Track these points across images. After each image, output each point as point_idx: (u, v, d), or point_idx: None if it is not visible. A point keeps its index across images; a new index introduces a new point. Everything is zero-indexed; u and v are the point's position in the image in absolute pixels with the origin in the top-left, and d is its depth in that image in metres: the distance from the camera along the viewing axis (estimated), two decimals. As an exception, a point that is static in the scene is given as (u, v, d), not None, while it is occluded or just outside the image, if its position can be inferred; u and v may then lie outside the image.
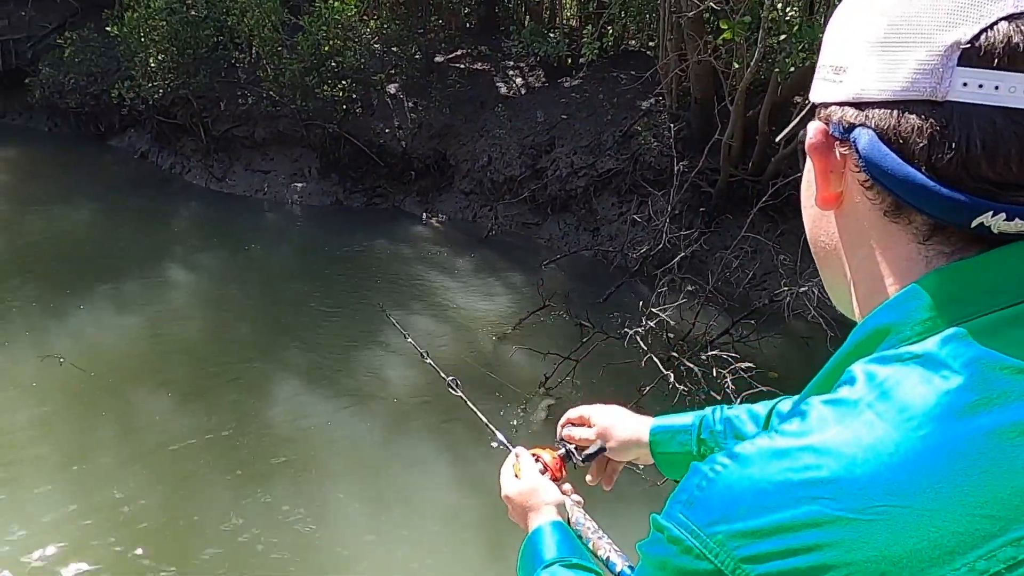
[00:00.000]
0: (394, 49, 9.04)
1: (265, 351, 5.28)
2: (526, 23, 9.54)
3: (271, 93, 8.51)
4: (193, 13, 8.42)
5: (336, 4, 8.16)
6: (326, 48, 8.23)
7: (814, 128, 0.56)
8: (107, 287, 6.07)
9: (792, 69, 5.78)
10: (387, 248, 7.61)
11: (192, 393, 4.69)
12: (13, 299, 5.77)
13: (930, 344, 0.50)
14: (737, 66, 6.11)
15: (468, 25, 10.58)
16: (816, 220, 0.61)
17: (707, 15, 6.25)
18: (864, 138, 0.52)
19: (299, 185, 8.82)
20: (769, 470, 0.50)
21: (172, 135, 9.46)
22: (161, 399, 4.62)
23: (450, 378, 1.58)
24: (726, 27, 5.51)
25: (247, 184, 8.93)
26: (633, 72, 8.32)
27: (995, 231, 0.49)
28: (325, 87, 8.22)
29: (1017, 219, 0.49)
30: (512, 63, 9.50)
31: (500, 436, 1.34)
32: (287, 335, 5.58)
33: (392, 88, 9.02)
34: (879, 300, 0.55)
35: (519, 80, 9.28)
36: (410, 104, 8.88)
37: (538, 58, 8.96)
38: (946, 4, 0.49)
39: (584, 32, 7.84)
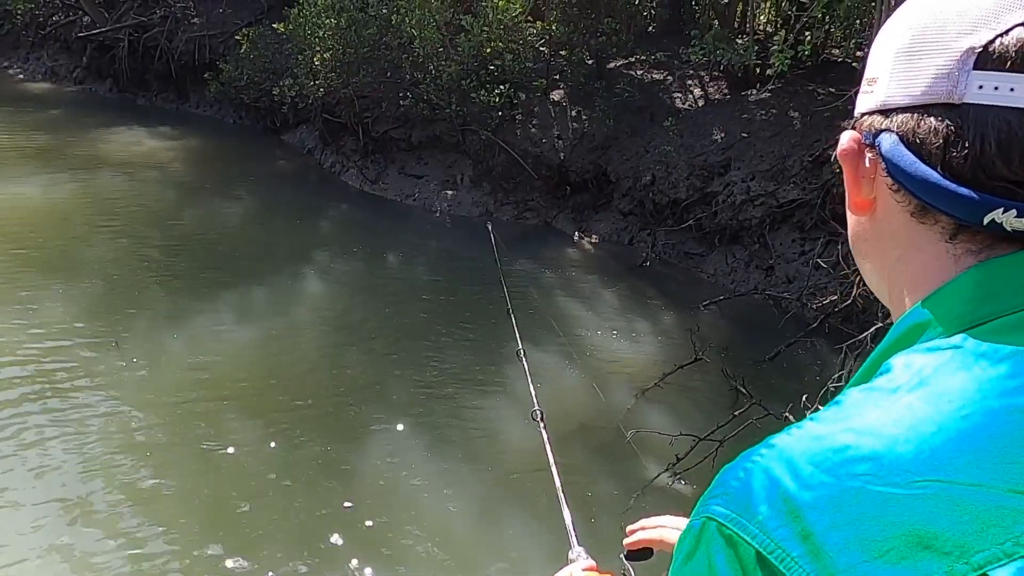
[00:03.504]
0: (561, 53, 8.38)
1: (370, 386, 4.79)
2: (712, 28, 8.50)
3: (430, 95, 8.14)
4: (362, 14, 8.23)
5: (501, 3, 7.62)
6: (487, 51, 7.72)
7: (847, 136, 0.59)
8: (235, 293, 5.88)
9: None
10: (531, 269, 6.96)
11: (281, 426, 4.28)
12: (142, 297, 5.71)
13: (968, 337, 0.51)
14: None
15: (649, 29, 9.71)
16: (855, 226, 0.62)
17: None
18: (887, 142, 0.55)
19: (449, 193, 8.40)
20: (807, 451, 0.49)
21: (336, 134, 9.40)
22: (246, 429, 4.24)
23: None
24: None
25: (398, 188, 8.64)
26: (832, 88, 7.10)
27: (1008, 228, 0.50)
28: (483, 91, 7.71)
29: None
30: (692, 71, 8.53)
31: (574, 541, 1.30)
32: (400, 367, 5.07)
33: (556, 95, 8.37)
34: (915, 299, 0.56)
35: (697, 91, 8.29)
36: (573, 112, 8.19)
37: (722, 67, 7.93)
38: (965, 14, 0.51)
39: (775, 38, 6.74)
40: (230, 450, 4.04)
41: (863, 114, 0.58)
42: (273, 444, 4.14)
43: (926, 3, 0.55)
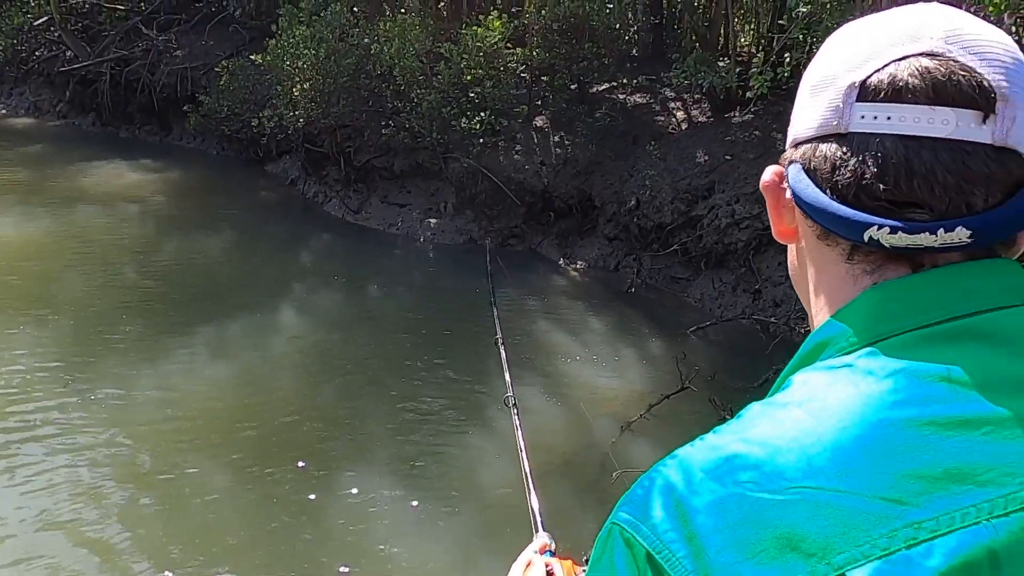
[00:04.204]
0: (543, 78, 8.34)
1: (346, 422, 4.65)
2: (694, 51, 8.48)
3: (411, 124, 8.08)
4: (341, 43, 8.18)
5: (481, 31, 7.58)
6: (468, 78, 7.66)
7: (769, 170, 0.63)
8: (211, 327, 5.75)
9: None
10: (516, 298, 6.84)
11: (249, 462, 4.12)
12: (116, 332, 5.57)
13: (861, 355, 0.54)
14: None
15: (631, 53, 9.70)
16: (789, 255, 0.67)
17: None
18: (792, 171, 0.60)
19: (433, 221, 8.30)
20: (701, 460, 0.52)
21: (318, 163, 9.32)
22: (216, 470, 4.09)
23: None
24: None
25: (381, 217, 8.54)
26: (816, 107, 7.05)
27: (886, 245, 0.54)
28: (464, 119, 7.64)
29: (901, 233, 0.53)
30: (674, 95, 8.49)
31: (540, 525, 1.34)
32: (379, 403, 4.93)
33: (538, 121, 8.31)
34: (823, 318, 0.59)
35: (680, 114, 8.24)
36: (555, 138, 8.12)
37: (704, 90, 7.89)
38: (858, 53, 0.57)
39: (754, 61, 6.70)
40: (197, 488, 3.88)
41: (786, 149, 0.62)
42: (247, 484, 3.99)
43: (833, 44, 0.60)
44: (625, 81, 8.74)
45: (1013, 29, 4.23)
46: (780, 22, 7.00)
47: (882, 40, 0.56)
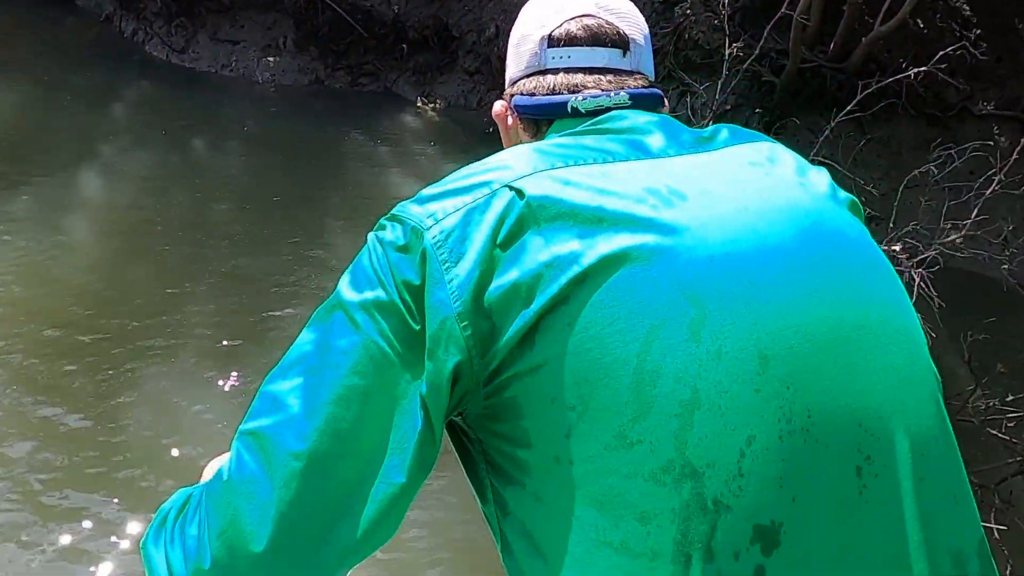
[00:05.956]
0: None
1: (160, 307, 4.07)
2: None
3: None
4: None
5: None
6: None
7: (497, 104, 0.91)
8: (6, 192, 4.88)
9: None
10: (364, 145, 6.19)
11: (43, 369, 3.55)
12: None
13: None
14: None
15: None
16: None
17: None
18: (517, 97, 0.87)
19: (271, 60, 7.33)
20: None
21: (134, -5, 7.95)
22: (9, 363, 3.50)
23: None
24: None
25: (212, 58, 7.46)
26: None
27: (581, 109, 0.81)
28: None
29: (590, 99, 0.82)
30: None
31: None
32: (199, 276, 4.35)
33: (383, -65, 7.24)
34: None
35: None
36: (404, -43, 7.13)
37: None
38: (543, 19, 0.87)
39: None
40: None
41: (504, 91, 0.91)
42: (50, 373, 3.46)
43: (523, 17, 0.90)
44: None
45: None
46: None
47: (557, 7, 0.87)
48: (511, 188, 0.67)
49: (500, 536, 0.68)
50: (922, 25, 5.66)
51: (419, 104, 6.96)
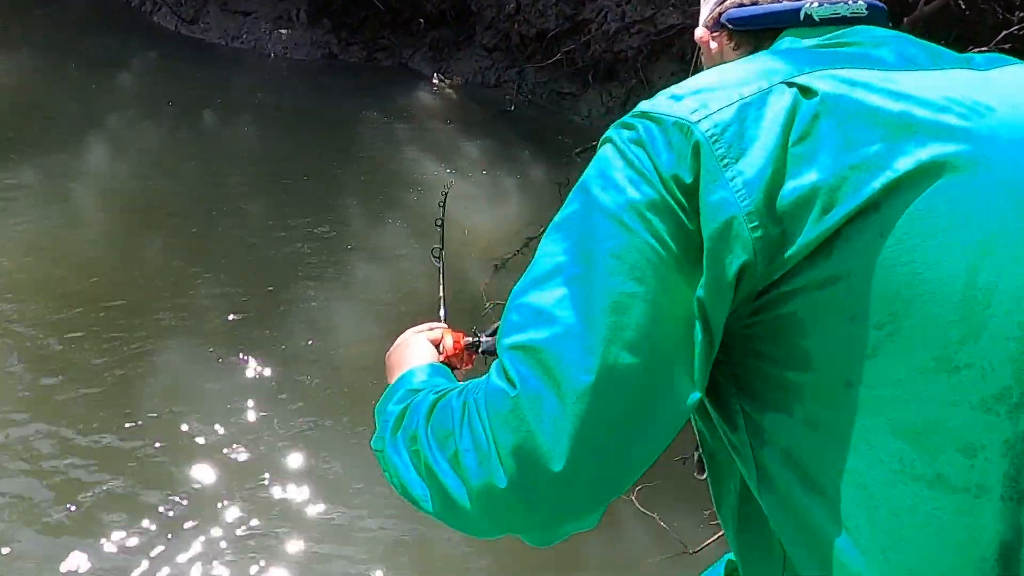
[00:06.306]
0: None
1: (170, 284, 3.90)
2: None
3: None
4: None
5: None
6: None
7: (699, 31, 0.85)
8: (3, 175, 4.70)
9: None
10: (378, 122, 5.98)
11: (57, 344, 3.39)
12: None
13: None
14: None
15: None
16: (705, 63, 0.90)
17: None
18: (732, 11, 0.80)
19: (284, 32, 7.11)
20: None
21: (141, -37, 7.72)
22: (8, 358, 3.34)
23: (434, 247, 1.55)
24: None
25: (222, 29, 7.25)
26: None
27: (815, 17, 0.73)
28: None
29: (825, 5, 0.73)
30: None
31: (442, 311, 1.38)
32: (209, 250, 4.18)
33: (401, -95, 6.99)
34: None
35: None
36: (422, -73, 6.89)
37: None
38: None
39: None
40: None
41: (707, 17, 0.85)
42: (58, 346, 3.30)
43: None
44: None
45: None
46: None
47: None
48: (792, 84, 0.62)
49: (755, 466, 0.64)
50: (964, 6, 5.46)
51: (436, 81, 6.74)
